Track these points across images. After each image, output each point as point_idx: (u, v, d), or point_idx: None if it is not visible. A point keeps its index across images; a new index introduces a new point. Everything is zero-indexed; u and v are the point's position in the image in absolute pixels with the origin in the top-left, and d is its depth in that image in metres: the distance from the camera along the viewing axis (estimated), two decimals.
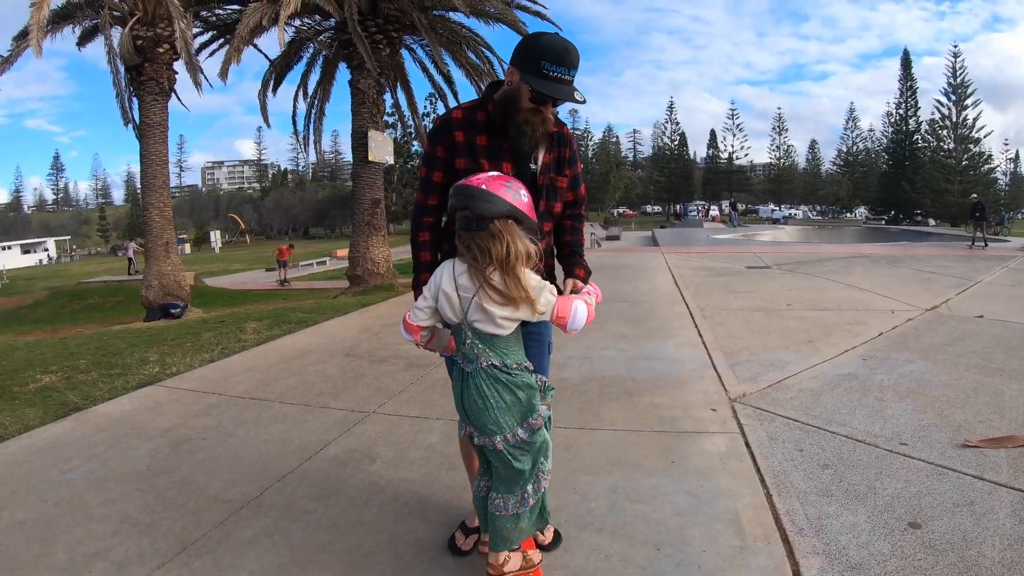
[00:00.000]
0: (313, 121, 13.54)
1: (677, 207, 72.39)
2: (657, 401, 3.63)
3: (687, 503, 2.43)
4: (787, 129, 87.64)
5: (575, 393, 3.89)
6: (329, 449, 3.17)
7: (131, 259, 33.18)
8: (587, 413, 3.50)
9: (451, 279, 1.82)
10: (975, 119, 53.78)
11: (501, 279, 1.74)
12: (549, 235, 2.14)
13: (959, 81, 54.03)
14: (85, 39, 11.25)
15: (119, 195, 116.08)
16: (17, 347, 7.43)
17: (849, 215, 69.88)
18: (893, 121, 64.37)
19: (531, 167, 2.05)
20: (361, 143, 11.44)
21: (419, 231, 2.10)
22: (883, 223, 50.06)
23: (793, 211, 73.20)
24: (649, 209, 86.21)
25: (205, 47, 12.33)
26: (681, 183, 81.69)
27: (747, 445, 2.95)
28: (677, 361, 4.51)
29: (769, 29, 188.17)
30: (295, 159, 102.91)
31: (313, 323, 7.03)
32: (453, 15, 12.02)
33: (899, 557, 2.02)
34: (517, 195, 1.77)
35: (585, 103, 1.89)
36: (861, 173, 73.79)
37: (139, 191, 10.73)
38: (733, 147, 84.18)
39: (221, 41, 12.18)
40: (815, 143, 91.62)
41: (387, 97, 12.56)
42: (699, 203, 73.29)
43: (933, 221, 49.72)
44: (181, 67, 10.36)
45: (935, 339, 4.88)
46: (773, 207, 75.83)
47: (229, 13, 11.82)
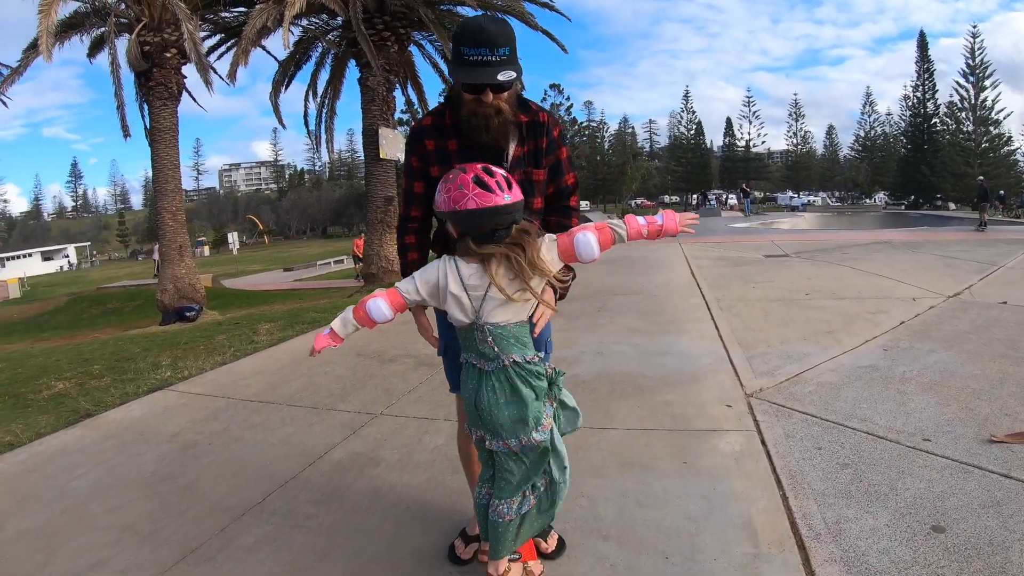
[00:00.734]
0: (325, 120, 13.57)
1: (696, 196, 71.80)
2: (670, 398, 3.53)
3: (699, 507, 2.33)
4: (804, 115, 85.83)
5: (586, 391, 3.80)
6: (334, 453, 3.12)
7: (156, 260, 33.65)
8: (598, 412, 3.41)
9: (458, 281, 1.73)
10: (994, 100, 52.10)
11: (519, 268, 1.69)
12: None
13: (977, 62, 52.44)
14: (95, 49, 11.35)
15: (137, 200, 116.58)
16: (33, 354, 7.53)
17: (868, 201, 68.60)
18: (911, 104, 62.78)
19: (503, 165, 1.89)
20: (372, 141, 11.44)
21: (404, 236, 2.04)
22: (903, 208, 48.95)
23: (812, 198, 72.01)
24: (667, 199, 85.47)
25: (214, 50, 12.39)
26: (698, 172, 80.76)
27: (763, 443, 2.84)
28: (692, 356, 4.40)
29: (783, 14, 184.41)
30: (311, 159, 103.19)
31: (326, 323, 6.99)
32: (461, 9, 11.94)
33: (922, 564, 1.90)
34: (507, 186, 1.68)
35: (513, 80, 1.74)
36: (880, 158, 72.35)
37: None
38: (750, 135, 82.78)
39: (230, 44, 12.22)
40: (832, 129, 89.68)
41: (399, 94, 12.53)
42: (717, 192, 72.56)
43: (953, 205, 48.57)
44: (191, 71, 10.43)
45: (958, 327, 4.70)
46: (791, 194, 74.69)
47: (236, 15, 11.85)
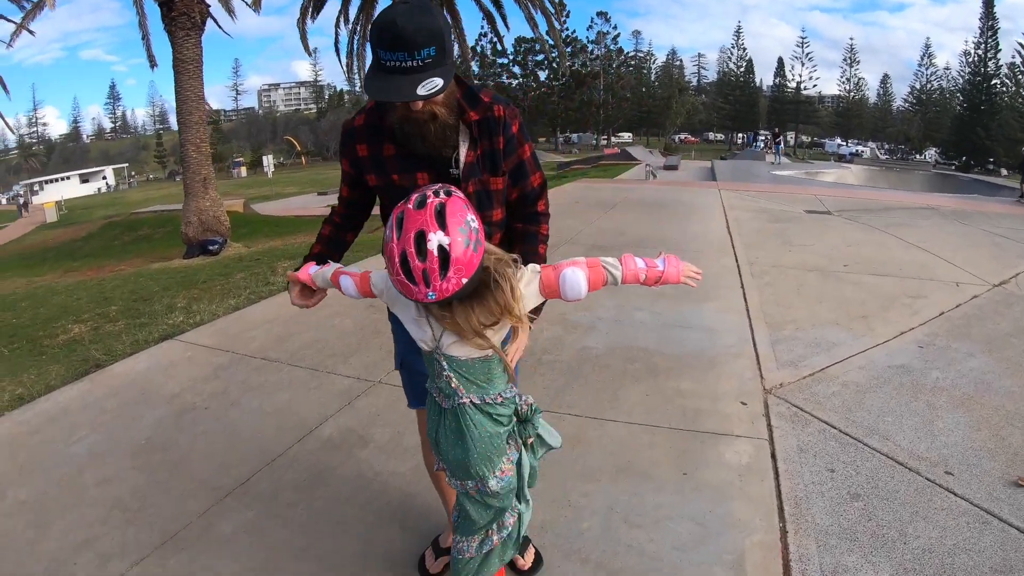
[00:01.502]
0: (356, 49, 13.07)
1: (741, 136, 69.02)
2: (684, 386, 3.34)
3: (690, 534, 2.18)
4: (859, 61, 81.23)
5: (597, 367, 3.64)
6: (325, 427, 3.06)
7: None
8: (605, 396, 3.26)
9: (419, 306, 1.49)
10: None
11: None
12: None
13: None
14: None
15: (176, 120, 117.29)
16: (57, 291, 7.66)
17: (918, 157, 65.20)
18: (971, 61, 58.63)
19: (452, 172, 1.63)
20: None
21: (323, 224, 1.87)
22: (953, 169, 46.30)
23: (860, 148, 68.66)
24: (712, 136, 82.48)
25: None
26: (746, 111, 77.40)
27: (773, 457, 2.64)
28: (714, 332, 4.16)
29: None
30: (352, 80, 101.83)
31: (345, 263, 6.90)
32: None
33: None
34: (438, 272, 1.25)
35: (439, 90, 1.39)
36: (934, 113, 68.31)
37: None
38: (801, 76, 78.40)
39: None
40: (887, 78, 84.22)
41: None
42: (764, 134, 69.96)
43: (1005, 171, 45.74)
44: None
45: (1001, 326, 4.29)
46: (840, 142, 71.34)
47: None
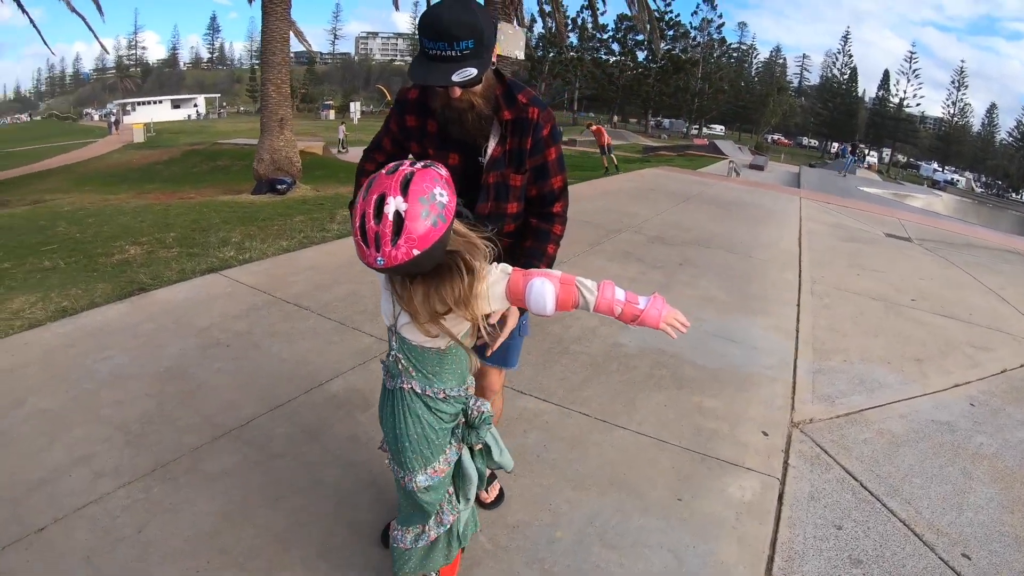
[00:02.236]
0: None
1: (835, 145, 65.40)
2: (706, 403, 3.18)
3: (664, 567, 2.05)
4: (967, 85, 76.39)
5: (622, 367, 3.51)
6: (334, 383, 3.08)
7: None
8: (621, 399, 3.14)
9: (385, 278, 1.45)
10: None
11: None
12: (505, 237, 1.81)
13: None
14: None
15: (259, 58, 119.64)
16: (124, 212, 8.05)
17: (1015, 195, 60.15)
18: None
19: (480, 159, 1.74)
20: None
21: (361, 174, 1.88)
22: None
23: (956, 176, 64.06)
24: (805, 142, 78.72)
25: None
26: (844, 120, 73.40)
27: (780, 499, 2.46)
28: (756, 350, 3.93)
29: None
30: None
31: None
32: None
33: None
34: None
35: (473, 79, 1.50)
36: None
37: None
38: (905, 93, 74.04)
39: None
40: (994, 107, 78.67)
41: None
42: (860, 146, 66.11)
43: None
44: None
45: None
46: (936, 167, 66.70)
47: None
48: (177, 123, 59.03)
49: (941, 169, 66.79)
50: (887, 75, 76.10)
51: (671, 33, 70.70)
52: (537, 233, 1.83)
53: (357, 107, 67.12)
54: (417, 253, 1.21)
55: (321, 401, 2.91)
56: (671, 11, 71.12)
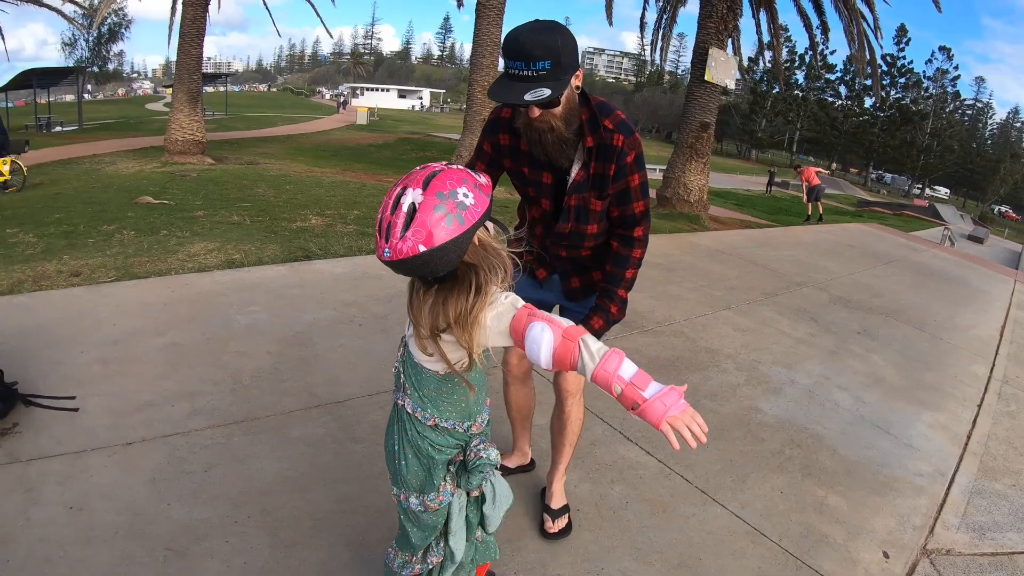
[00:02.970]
0: (664, 26, 12.67)
1: None
2: (830, 501, 2.59)
3: None
4: None
5: (748, 438, 3.02)
6: None
7: None
8: (732, 474, 2.68)
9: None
10: None
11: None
12: (584, 249, 1.92)
13: None
14: None
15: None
16: (322, 184, 8.96)
17: None
18: None
19: (568, 179, 1.80)
20: (701, 60, 10.41)
21: None
22: None
23: None
24: None
25: None
26: None
27: None
28: (911, 450, 3.17)
29: None
30: (676, 60, 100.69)
31: None
32: None
33: None
34: (400, 229, 1.11)
35: (545, 99, 1.53)
36: None
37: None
38: None
39: None
40: None
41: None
42: None
43: None
44: None
45: None
46: None
47: None
48: (400, 111, 64.03)
49: None
50: None
51: (903, 81, 62.61)
52: (617, 258, 1.86)
53: None
54: (423, 249, 1.09)
55: None
56: (903, 56, 62.85)
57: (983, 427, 3.63)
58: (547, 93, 1.51)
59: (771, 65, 12.49)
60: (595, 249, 1.92)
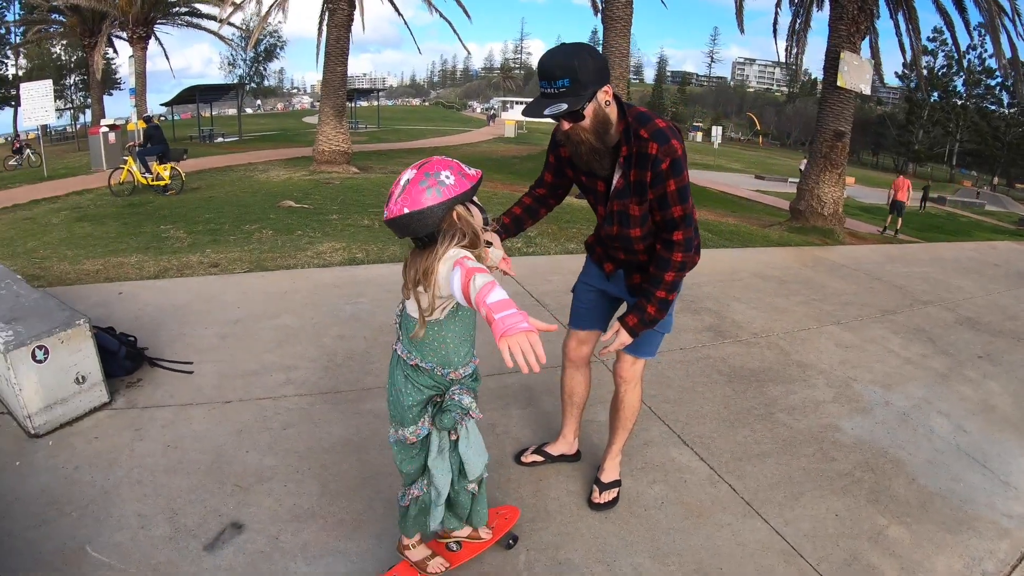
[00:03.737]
0: (798, 30, 11.95)
1: None
2: (891, 532, 2.36)
3: None
4: None
5: (817, 456, 2.84)
6: (514, 376, 3.23)
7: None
8: (785, 490, 2.55)
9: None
10: None
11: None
12: (645, 252, 2.06)
13: None
14: None
15: (650, 74, 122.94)
16: None
17: None
18: None
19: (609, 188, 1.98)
20: (833, 64, 9.72)
21: (524, 194, 2.25)
22: None
23: None
24: None
25: None
26: None
27: None
28: (1007, 488, 2.77)
29: None
30: (789, 63, 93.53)
31: (709, 244, 6.89)
32: None
33: None
34: (399, 196, 1.44)
35: (563, 113, 1.70)
36: None
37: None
38: None
39: None
40: None
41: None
42: None
43: None
44: None
45: None
46: None
47: None
48: (548, 124, 65.25)
49: None
50: None
51: None
52: (659, 261, 1.96)
53: (719, 131, 66.30)
54: (407, 211, 1.42)
55: (492, 387, 3.09)
56: None
57: None
58: (564, 107, 1.68)
59: (912, 70, 11.35)
60: (648, 251, 2.02)
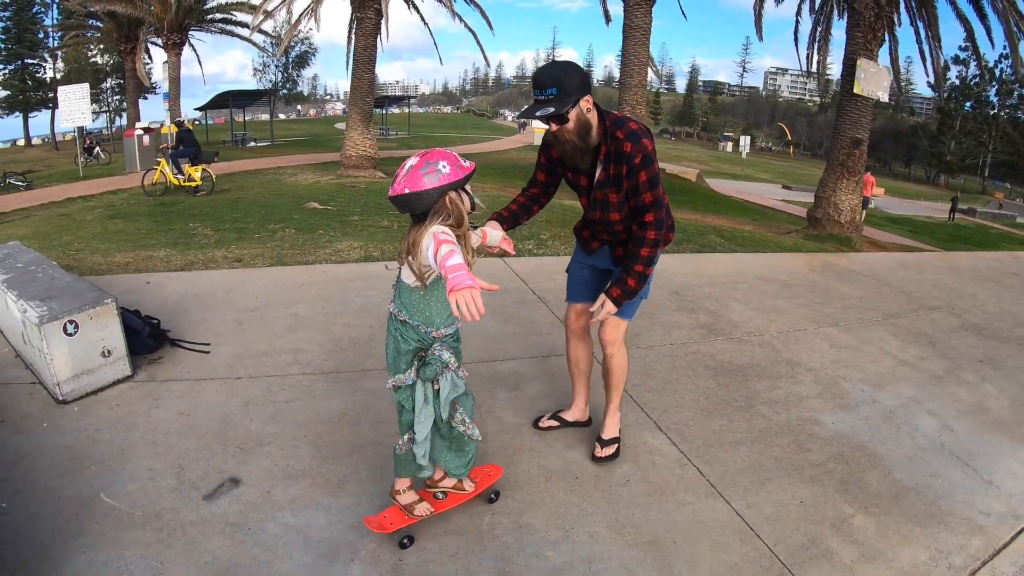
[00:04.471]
0: (819, 39, 11.92)
1: None
2: (856, 521, 2.42)
3: None
4: None
5: (792, 446, 2.90)
6: (505, 364, 3.42)
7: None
8: (753, 476, 2.62)
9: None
10: None
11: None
12: (621, 234, 2.41)
13: None
14: None
15: (682, 84, 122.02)
16: (475, 195, 9.61)
17: None
18: None
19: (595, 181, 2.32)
20: (850, 71, 9.73)
21: (520, 195, 2.56)
22: None
23: None
24: None
25: None
26: None
27: None
28: (988, 487, 2.76)
29: None
30: (810, 71, 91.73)
31: (719, 249, 7.04)
32: None
33: None
34: (402, 179, 1.77)
35: (549, 116, 2.08)
36: None
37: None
38: None
39: None
40: None
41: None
42: None
43: None
44: None
45: None
46: None
47: None
48: None
49: None
50: None
51: None
52: (635, 239, 2.29)
53: (747, 141, 65.55)
54: (407, 191, 1.74)
55: (483, 373, 3.27)
56: None
57: None
58: (551, 110, 2.06)
59: (943, 79, 11.23)
60: (627, 231, 2.38)
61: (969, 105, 56.41)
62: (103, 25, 25.62)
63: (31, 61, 40.07)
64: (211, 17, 25.23)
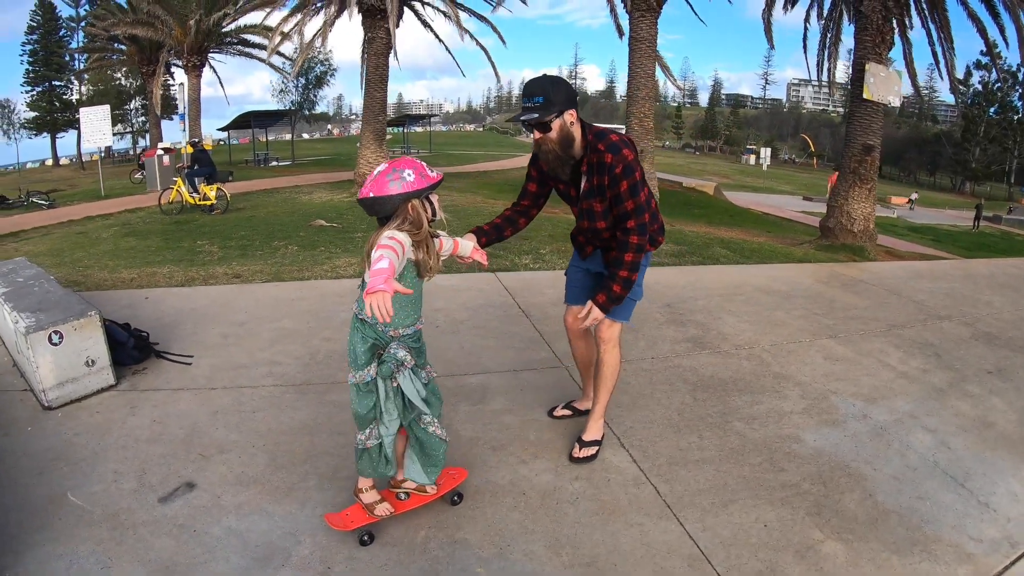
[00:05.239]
0: (828, 46, 11.78)
1: None
2: (825, 547, 2.29)
3: None
4: None
5: (765, 465, 2.75)
6: (474, 378, 3.43)
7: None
8: (718, 496, 2.48)
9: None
10: None
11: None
12: (608, 241, 2.51)
13: None
14: None
15: (704, 97, 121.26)
16: (482, 212, 9.69)
17: None
18: None
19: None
20: (859, 76, 9.58)
21: (508, 208, 2.65)
22: None
23: None
24: None
25: None
26: None
27: None
28: (983, 510, 2.55)
29: None
30: (820, 78, 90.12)
31: (722, 261, 6.99)
32: None
33: None
34: (370, 183, 1.88)
35: (532, 121, 2.23)
36: None
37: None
38: None
39: None
40: None
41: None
42: None
43: None
44: None
45: None
46: None
47: None
48: None
49: None
50: None
51: None
52: (620, 244, 2.39)
53: (767, 153, 64.75)
54: (372, 195, 1.86)
55: (449, 386, 3.22)
56: None
57: None
58: (535, 116, 2.21)
59: (948, 80, 10.96)
60: (614, 238, 2.45)
61: (993, 110, 55.25)
62: (126, 48, 26.46)
63: (58, 83, 42.06)
64: (229, 40, 25.82)
